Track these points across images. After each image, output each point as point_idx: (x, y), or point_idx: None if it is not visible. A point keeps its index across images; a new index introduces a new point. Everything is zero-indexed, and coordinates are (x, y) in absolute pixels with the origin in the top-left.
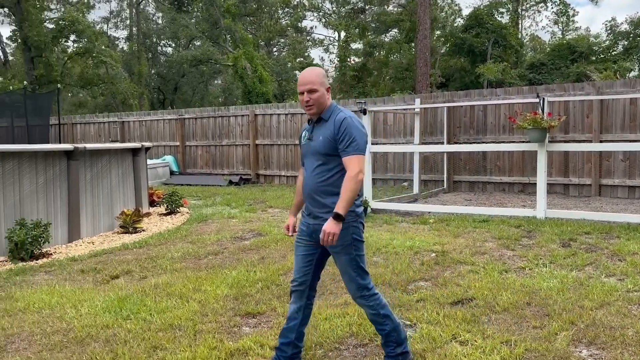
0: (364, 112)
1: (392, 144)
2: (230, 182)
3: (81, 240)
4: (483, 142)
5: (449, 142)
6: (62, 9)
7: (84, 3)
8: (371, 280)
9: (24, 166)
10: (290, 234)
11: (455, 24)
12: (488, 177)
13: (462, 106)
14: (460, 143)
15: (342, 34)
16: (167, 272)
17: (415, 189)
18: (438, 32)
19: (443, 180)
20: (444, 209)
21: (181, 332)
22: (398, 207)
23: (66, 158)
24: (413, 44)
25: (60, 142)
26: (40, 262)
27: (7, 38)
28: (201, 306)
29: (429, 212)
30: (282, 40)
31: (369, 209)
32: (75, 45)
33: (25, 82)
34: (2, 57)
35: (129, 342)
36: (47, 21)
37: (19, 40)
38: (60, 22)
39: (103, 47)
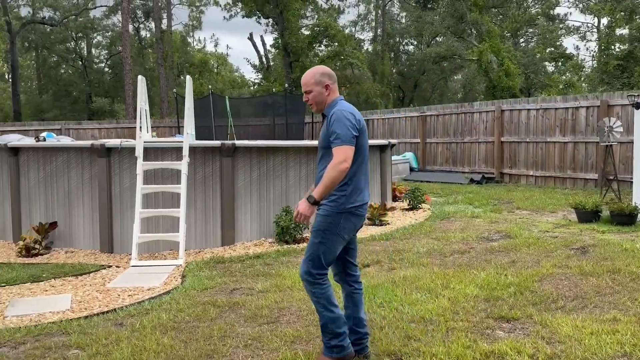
0: (637, 106)
1: None
2: (472, 180)
3: None
4: None
5: None
6: (316, 16)
7: (335, 9)
8: (324, 275)
9: (289, 160)
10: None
11: None
12: None
13: None
14: None
15: (604, 20)
16: (414, 265)
17: None
18: None
19: None
20: None
21: (432, 326)
22: None
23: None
24: None
25: (312, 139)
26: (301, 245)
27: (270, 45)
28: (451, 303)
29: None
30: (531, 30)
31: (639, 216)
32: (327, 49)
33: (285, 84)
34: (265, 62)
35: (384, 328)
36: (304, 28)
37: (280, 47)
38: (315, 29)
39: (351, 49)
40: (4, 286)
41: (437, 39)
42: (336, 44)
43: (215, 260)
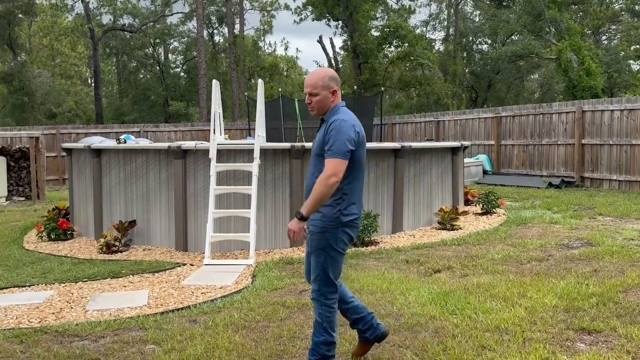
0: None
1: None
2: (550, 185)
3: (403, 233)
4: None
5: None
6: (386, 17)
7: (405, 9)
8: (334, 292)
9: None
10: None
11: None
12: None
13: None
14: None
15: None
16: (488, 272)
17: None
18: None
19: None
20: None
21: (508, 336)
22: None
23: (393, 156)
24: None
25: (381, 141)
26: (369, 248)
27: (339, 48)
28: (528, 313)
29: None
30: (614, 27)
31: None
32: (397, 50)
33: (354, 86)
34: (334, 64)
35: (457, 336)
36: (373, 29)
37: (349, 49)
38: (385, 30)
39: (421, 49)
40: (86, 281)
41: (513, 37)
42: (406, 44)
43: (285, 261)
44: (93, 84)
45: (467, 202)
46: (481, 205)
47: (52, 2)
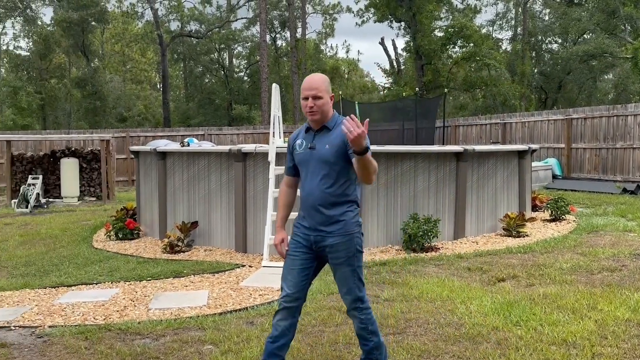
0: None
1: None
2: (624, 190)
3: (465, 239)
4: None
5: None
6: (451, 17)
7: (471, 9)
8: (366, 293)
9: (418, 165)
10: (287, 250)
11: None
12: None
13: None
14: None
15: None
16: (556, 283)
17: None
18: None
19: None
20: None
21: (576, 350)
22: None
23: (455, 159)
24: None
25: (443, 144)
26: (429, 254)
27: (401, 49)
28: (598, 326)
29: None
30: None
31: None
32: (462, 50)
33: (416, 88)
34: (396, 66)
35: (520, 349)
36: (437, 30)
37: (412, 50)
38: (449, 30)
39: (487, 49)
40: (150, 280)
41: (585, 36)
42: (472, 44)
43: None
44: (161, 89)
45: (534, 208)
46: (550, 211)
47: (123, 10)
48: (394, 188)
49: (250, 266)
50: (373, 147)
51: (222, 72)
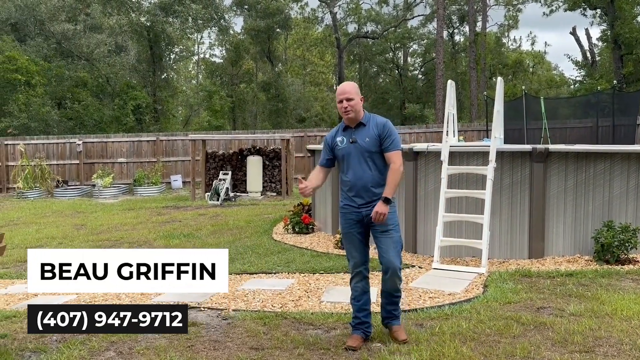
0: None
1: None
2: None
3: None
4: None
5: None
6: None
7: None
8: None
9: (615, 167)
10: (303, 186)
11: None
12: None
13: None
14: None
15: None
16: None
17: None
18: None
19: None
20: None
21: None
22: None
23: None
24: None
25: None
26: (626, 267)
27: (596, 39)
28: None
29: None
30: None
31: None
32: None
33: (614, 81)
34: (590, 58)
35: None
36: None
37: (609, 40)
38: None
39: None
40: (322, 273)
41: None
42: None
43: (521, 273)
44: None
45: None
46: None
47: (305, 16)
48: (585, 192)
49: (420, 267)
50: (561, 147)
51: (397, 71)
